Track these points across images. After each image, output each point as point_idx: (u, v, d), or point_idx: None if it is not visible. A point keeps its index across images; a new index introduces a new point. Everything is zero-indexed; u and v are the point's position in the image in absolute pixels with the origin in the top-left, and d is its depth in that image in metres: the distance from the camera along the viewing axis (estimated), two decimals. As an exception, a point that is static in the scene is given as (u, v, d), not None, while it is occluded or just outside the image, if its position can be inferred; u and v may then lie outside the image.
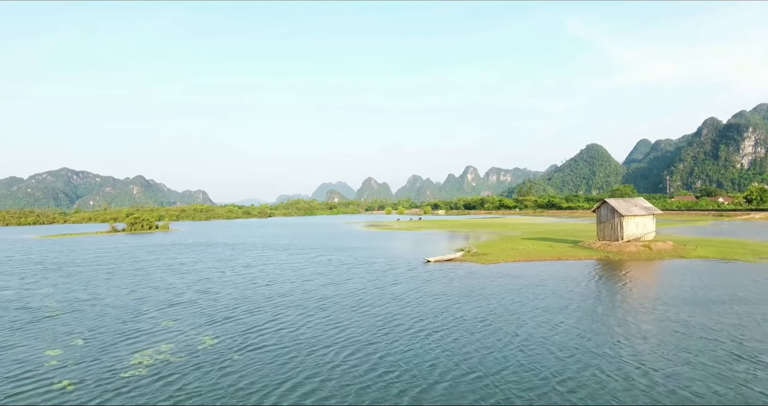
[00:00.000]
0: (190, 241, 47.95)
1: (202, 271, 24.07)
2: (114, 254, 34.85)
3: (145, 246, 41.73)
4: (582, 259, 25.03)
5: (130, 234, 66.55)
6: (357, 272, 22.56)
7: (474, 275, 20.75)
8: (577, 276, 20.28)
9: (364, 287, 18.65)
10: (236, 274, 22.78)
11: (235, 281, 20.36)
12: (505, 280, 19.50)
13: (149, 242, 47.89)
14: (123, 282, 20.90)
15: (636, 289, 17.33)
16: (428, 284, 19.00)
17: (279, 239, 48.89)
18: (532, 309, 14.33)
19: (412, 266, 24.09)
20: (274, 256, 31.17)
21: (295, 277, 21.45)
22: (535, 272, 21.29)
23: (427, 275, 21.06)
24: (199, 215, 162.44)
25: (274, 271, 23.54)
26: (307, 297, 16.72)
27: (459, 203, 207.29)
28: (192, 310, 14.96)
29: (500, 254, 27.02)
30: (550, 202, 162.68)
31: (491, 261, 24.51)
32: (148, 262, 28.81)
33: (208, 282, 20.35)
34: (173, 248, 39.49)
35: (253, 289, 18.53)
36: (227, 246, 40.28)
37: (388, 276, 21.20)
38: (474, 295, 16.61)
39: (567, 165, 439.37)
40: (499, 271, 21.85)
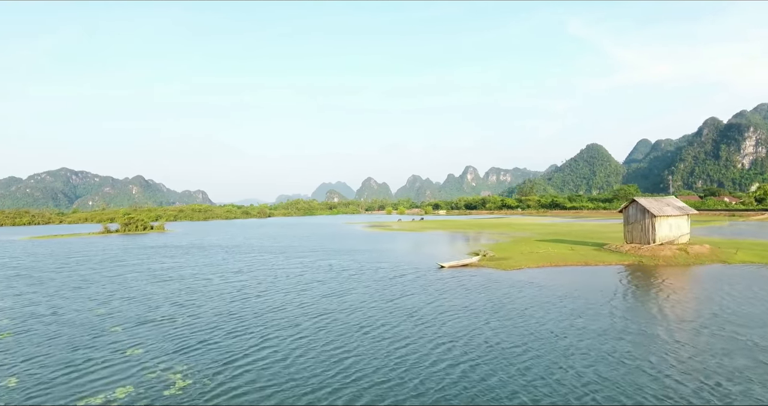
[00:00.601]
0: (183, 243, 45.39)
1: (187, 278, 21.49)
2: (98, 257, 32.29)
3: (135, 248, 39.18)
4: (612, 264, 22.46)
5: (123, 235, 64.02)
6: (361, 280, 20.00)
7: (496, 284, 18.17)
8: (613, 285, 17.71)
9: (371, 299, 16.08)
10: (225, 282, 20.20)
11: (222, 292, 17.78)
12: (532, 290, 16.91)
13: (140, 243, 45.34)
14: (94, 292, 18.33)
15: (687, 302, 14.75)
16: (445, 295, 16.42)
17: (277, 240, 46.32)
18: (575, 330, 11.76)
19: (422, 272, 21.52)
20: (270, 260, 28.60)
21: (291, 286, 18.87)
22: (564, 281, 18.72)
23: (442, 284, 18.48)
24: (198, 215, 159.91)
25: (268, 278, 20.96)
26: (303, 313, 14.14)
27: (460, 203, 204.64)
28: (165, 330, 12.39)
29: (520, 258, 24.45)
30: (554, 202, 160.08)
31: (512, 267, 21.93)
32: (131, 267, 26.25)
33: (190, 292, 17.77)
34: (163, 250, 36.93)
35: (241, 301, 15.95)
36: (221, 249, 37.72)
37: (397, 285, 18.63)
38: (501, 310, 14.04)
39: (567, 165, 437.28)
40: (523, 279, 19.27)
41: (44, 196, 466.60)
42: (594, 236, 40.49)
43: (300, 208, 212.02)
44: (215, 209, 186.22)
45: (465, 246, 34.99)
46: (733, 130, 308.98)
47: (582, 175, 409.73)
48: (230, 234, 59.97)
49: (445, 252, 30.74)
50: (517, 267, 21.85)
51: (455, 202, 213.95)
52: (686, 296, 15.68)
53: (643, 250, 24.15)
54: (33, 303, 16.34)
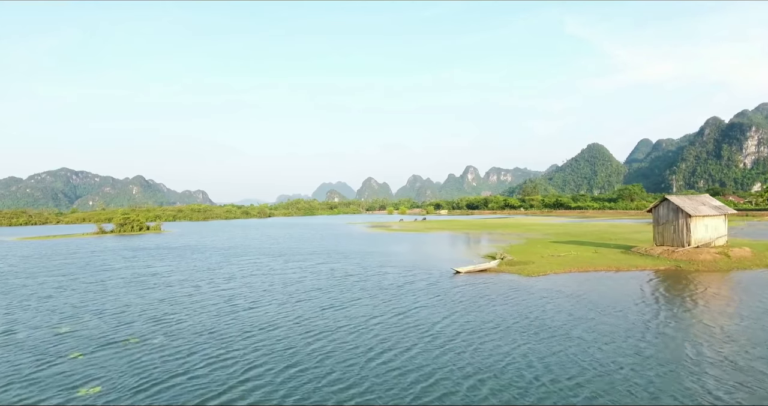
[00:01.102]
0: (178, 244, 43.21)
1: (172, 285, 19.27)
2: (83, 260, 30.11)
3: (125, 250, 37.00)
4: (647, 269, 20.18)
5: (118, 236, 61.93)
6: (366, 288, 17.76)
7: (521, 293, 15.92)
8: (656, 296, 15.46)
9: (378, 312, 13.84)
10: (214, 290, 17.96)
11: (208, 303, 15.54)
12: (565, 301, 14.66)
13: (133, 245, 43.17)
14: (64, 303, 16.12)
15: (751, 317, 12.49)
16: (465, 307, 14.17)
17: (276, 242, 44.10)
18: (632, 358, 9.51)
19: (435, 278, 19.28)
20: (267, 264, 26.38)
21: (288, 295, 16.63)
22: (599, 289, 16.46)
23: (460, 293, 16.23)
24: (197, 216, 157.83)
25: (263, 286, 18.72)
26: (299, 332, 11.89)
27: (462, 203, 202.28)
28: (132, 356, 10.16)
29: (543, 262, 22.16)
30: (558, 201, 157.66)
31: (536, 272, 19.65)
32: (115, 271, 24.05)
33: (172, 304, 15.54)
34: (154, 252, 34.74)
35: (228, 316, 13.71)
36: (216, 251, 35.51)
37: (408, 294, 16.38)
38: (535, 328, 11.79)
39: (568, 165, 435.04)
40: (550, 287, 17.01)
41: (44, 197, 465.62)
42: (611, 236, 38.23)
43: (300, 208, 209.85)
44: (215, 209, 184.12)
45: (476, 248, 32.74)
46: (735, 130, 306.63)
47: (583, 174, 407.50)
48: (228, 235, 57.79)
49: (457, 255, 28.50)
50: (541, 273, 19.57)
51: (457, 202, 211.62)
52: (746, 308, 13.41)
53: (678, 253, 21.87)
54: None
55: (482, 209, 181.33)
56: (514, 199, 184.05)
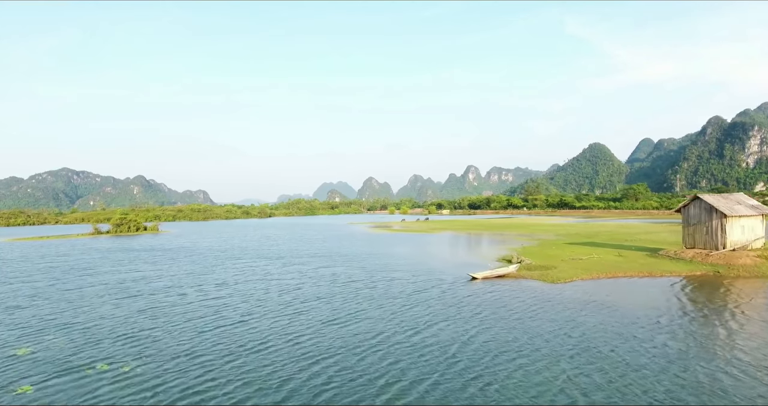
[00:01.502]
0: (173, 245, 41.42)
1: (157, 293, 17.43)
2: (70, 263, 28.33)
3: (117, 252, 35.21)
4: (682, 275, 18.27)
5: (114, 236, 60.31)
6: (373, 297, 15.90)
7: (549, 304, 14.04)
8: (700, 306, 13.56)
9: (387, 328, 11.97)
10: (202, 299, 16.11)
11: (193, 316, 13.67)
12: (602, 314, 12.77)
13: (127, 246, 41.41)
14: (34, 314, 14.28)
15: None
16: (487, 321, 12.30)
17: (275, 243, 42.28)
18: (709, 392, 7.64)
19: (449, 285, 17.42)
20: (264, 268, 24.54)
21: (284, 306, 14.77)
22: (634, 299, 14.57)
23: (479, 304, 14.36)
24: (197, 215, 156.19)
25: (257, 294, 16.86)
26: (294, 355, 10.01)
27: (463, 203, 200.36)
28: (87, 387, 8.30)
29: (565, 267, 20.24)
30: (562, 201, 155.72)
31: (560, 278, 17.76)
32: (99, 276, 22.23)
33: (152, 317, 13.68)
34: (147, 254, 32.94)
35: (213, 333, 11.83)
36: (212, 253, 33.69)
37: (420, 304, 14.52)
38: (574, 349, 9.90)
39: (570, 164, 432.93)
40: (579, 296, 15.11)
41: (45, 197, 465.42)
42: (625, 237, 36.30)
43: (301, 208, 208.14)
44: (215, 208, 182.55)
45: (487, 250, 30.84)
46: (737, 129, 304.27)
47: (585, 174, 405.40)
48: (227, 235, 56.02)
49: (468, 258, 26.63)
50: (566, 279, 17.67)
51: (458, 201, 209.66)
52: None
53: (714, 257, 19.95)
54: (-59, 332, 12.31)
55: (484, 208, 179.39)
56: (517, 199, 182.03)
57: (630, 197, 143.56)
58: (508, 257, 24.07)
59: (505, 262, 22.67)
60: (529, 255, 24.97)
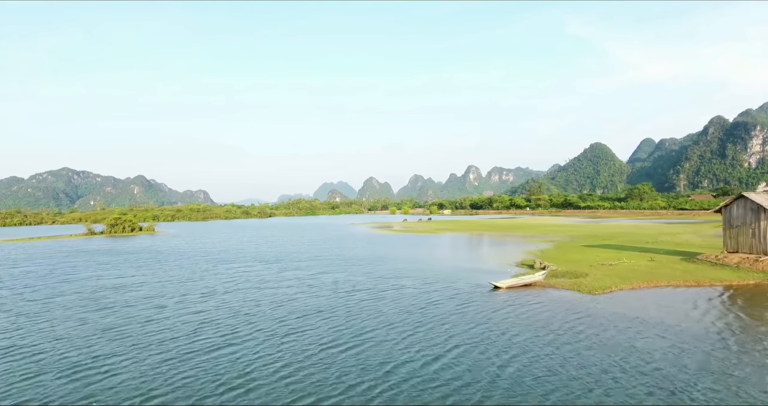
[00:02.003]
0: (166, 247, 39.25)
1: (132, 305, 15.20)
2: (51, 266, 26.14)
3: (106, 254, 33.03)
4: (732, 284, 16.00)
5: (107, 237, 58.22)
6: (380, 310, 13.68)
7: (591, 321, 11.80)
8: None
9: (400, 355, 9.72)
10: (181, 314, 13.87)
11: (166, 336, 11.42)
12: (662, 337, 10.49)
13: (117, 247, 39.25)
14: (-20, 332, 12.07)
15: None
16: (525, 346, 10.04)
17: (273, 245, 40.07)
18: None
19: (467, 295, 15.19)
20: (258, 273, 22.32)
21: (275, 323, 12.52)
22: (691, 314, 12.28)
23: (507, 320, 12.11)
24: (196, 215, 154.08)
25: (245, 307, 14.63)
26: (281, 395, 7.73)
27: (465, 203, 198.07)
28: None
29: (597, 274, 17.93)
30: (566, 201, 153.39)
31: (596, 288, 15.48)
32: (76, 283, 20.03)
33: (117, 337, 11.43)
34: (135, 257, 30.75)
35: (183, 361, 9.55)
36: (205, 255, 31.50)
37: (437, 321, 12.28)
38: (649, 389, 7.67)
39: (571, 164, 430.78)
40: (624, 311, 12.84)
41: (46, 196, 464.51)
42: (646, 239, 34.02)
43: (302, 208, 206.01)
44: (214, 208, 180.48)
45: (502, 253, 28.55)
46: (739, 129, 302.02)
47: (586, 174, 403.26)
48: (224, 236, 53.85)
49: (483, 262, 24.37)
50: (604, 289, 15.39)
51: (460, 201, 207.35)
52: None
53: (764, 263, 17.67)
54: None
55: (487, 208, 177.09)
56: (520, 199, 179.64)
57: (635, 197, 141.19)
58: (529, 261, 21.82)
59: (526, 267, 20.43)
60: (550, 259, 22.72)
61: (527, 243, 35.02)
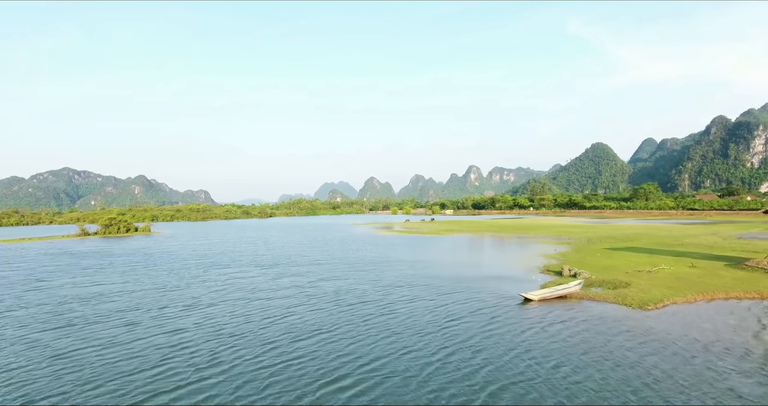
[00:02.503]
0: (158, 249, 37.07)
1: (101, 320, 12.95)
2: (28, 270, 23.93)
3: (91, 257, 30.84)
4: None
5: (101, 238, 56.13)
6: (391, 331, 11.40)
7: (653, 345, 9.52)
8: None
9: (422, 397, 7.47)
10: (154, 333, 11.58)
11: (124, 369, 9.09)
12: (760, 374, 8.26)
13: (107, 249, 37.07)
14: None
15: None
16: (586, 388, 7.75)
17: (272, 247, 37.85)
18: None
19: (492, 309, 12.93)
20: (252, 281, 20.08)
21: (265, 346, 10.23)
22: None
23: (552, 347, 9.82)
24: (195, 216, 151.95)
25: (231, 324, 12.36)
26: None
27: (467, 203, 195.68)
28: None
29: (640, 283, 15.56)
30: (571, 201, 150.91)
31: (646, 302, 13.15)
32: (46, 292, 17.80)
33: (67, 366, 9.13)
34: (122, 260, 28.54)
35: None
36: (197, 258, 29.28)
37: (461, 344, 10.02)
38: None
39: (572, 164, 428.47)
40: (692, 333, 10.54)
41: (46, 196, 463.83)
42: (670, 241, 31.68)
43: (302, 208, 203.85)
44: (214, 208, 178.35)
45: (519, 257, 26.23)
46: (741, 129, 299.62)
47: (587, 174, 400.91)
48: (221, 237, 51.66)
49: (501, 267, 22.05)
50: (656, 302, 13.05)
51: (462, 201, 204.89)
52: None
53: (834, 271, 15.37)
54: None
55: (489, 208, 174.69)
56: (523, 199, 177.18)
57: (640, 197, 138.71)
58: (554, 267, 19.53)
59: (552, 274, 18.15)
60: (573, 264, 20.44)
61: (541, 245, 32.74)
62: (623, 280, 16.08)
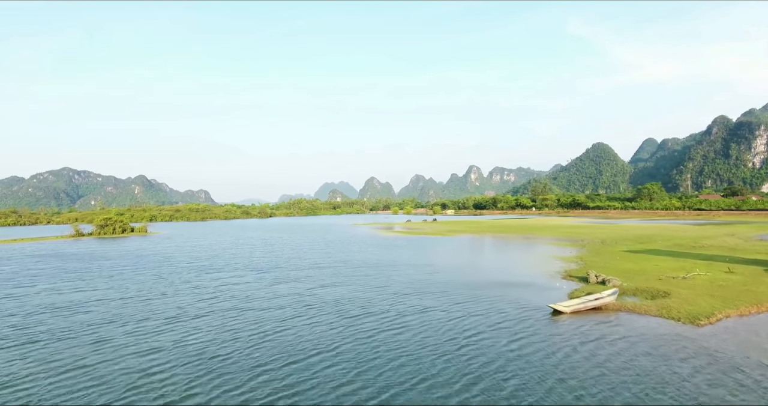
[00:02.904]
0: (151, 251, 35.48)
1: (67, 335, 11.31)
2: (10, 273, 22.33)
3: (81, 258, 29.22)
4: None
5: (95, 239, 54.59)
6: (403, 351, 9.76)
7: (709, 371, 7.86)
8: None
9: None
10: (123, 355, 9.92)
11: (78, 397, 7.48)
12: None
13: (99, 251, 35.49)
14: None
15: None
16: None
17: (270, 249, 36.24)
18: None
19: (518, 324, 11.28)
20: (245, 288, 18.45)
21: (252, 375, 8.54)
22: None
23: (598, 375, 8.14)
24: (195, 216, 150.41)
25: (216, 341, 10.71)
26: None
27: (468, 203, 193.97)
28: None
29: (681, 292, 13.82)
30: (575, 201, 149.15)
31: (695, 316, 11.46)
32: (17, 301, 16.16)
33: (12, 401, 7.61)
34: (109, 264, 26.93)
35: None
36: (190, 261, 27.67)
37: (487, 369, 8.37)
38: None
39: (573, 164, 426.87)
40: (747, 352, 8.93)
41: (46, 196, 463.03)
42: (692, 242, 30.02)
43: (302, 208, 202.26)
44: (213, 208, 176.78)
45: (533, 260, 24.53)
46: (743, 129, 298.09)
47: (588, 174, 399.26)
48: (218, 239, 50.05)
49: (516, 271, 20.38)
50: (708, 316, 11.37)
51: (463, 201, 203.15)
52: None
53: None
54: None
55: (491, 209, 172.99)
56: (526, 199, 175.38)
57: (644, 197, 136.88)
58: (575, 271, 17.88)
59: (576, 280, 16.48)
60: (597, 268, 18.77)
61: (553, 247, 31.09)
62: (659, 288, 14.41)
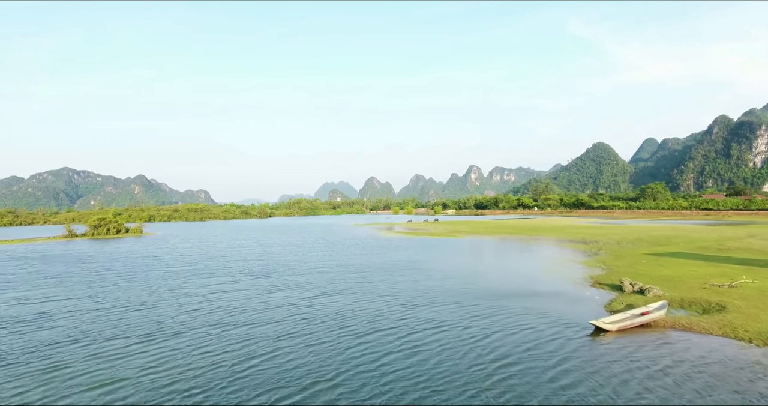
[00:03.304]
0: (143, 253, 33.73)
1: (17, 360, 9.53)
2: (-24, 282, 20.60)
3: (66, 261, 27.45)
4: None
5: (88, 240, 52.83)
6: (418, 381, 7.94)
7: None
8: None
9: None
10: (80, 383, 8.08)
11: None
12: None
13: (88, 253, 33.73)
14: None
15: None
16: None
17: (267, 251, 34.47)
18: None
19: (555, 348, 9.46)
20: (239, 295, 16.66)
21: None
22: None
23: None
24: (193, 216, 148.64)
25: (195, 365, 8.88)
26: None
27: (469, 202, 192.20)
28: None
29: (736, 304, 11.97)
30: (579, 201, 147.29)
31: (760, 334, 9.77)
32: (-19, 310, 14.44)
33: None
34: (97, 267, 25.15)
35: None
36: (181, 265, 25.90)
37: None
38: None
39: (573, 164, 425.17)
40: None
41: (46, 196, 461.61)
42: (715, 244, 28.22)
43: (302, 208, 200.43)
44: (212, 208, 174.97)
45: (549, 263, 22.65)
46: (744, 128, 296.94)
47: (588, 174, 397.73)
48: (214, 240, 48.28)
49: (537, 277, 18.54)
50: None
51: (464, 201, 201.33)
52: None
53: None
54: None
55: (492, 208, 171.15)
56: (528, 199, 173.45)
57: (648, 197, 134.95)
58: (603, 278, 16.05)
59: (608, 289, 14.66)
60: (626, 275, 16.97)
61: (566, 249, 29.30)
62: (710, 299, 12.59)
